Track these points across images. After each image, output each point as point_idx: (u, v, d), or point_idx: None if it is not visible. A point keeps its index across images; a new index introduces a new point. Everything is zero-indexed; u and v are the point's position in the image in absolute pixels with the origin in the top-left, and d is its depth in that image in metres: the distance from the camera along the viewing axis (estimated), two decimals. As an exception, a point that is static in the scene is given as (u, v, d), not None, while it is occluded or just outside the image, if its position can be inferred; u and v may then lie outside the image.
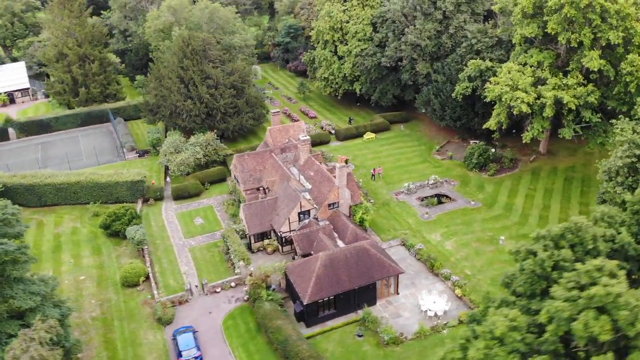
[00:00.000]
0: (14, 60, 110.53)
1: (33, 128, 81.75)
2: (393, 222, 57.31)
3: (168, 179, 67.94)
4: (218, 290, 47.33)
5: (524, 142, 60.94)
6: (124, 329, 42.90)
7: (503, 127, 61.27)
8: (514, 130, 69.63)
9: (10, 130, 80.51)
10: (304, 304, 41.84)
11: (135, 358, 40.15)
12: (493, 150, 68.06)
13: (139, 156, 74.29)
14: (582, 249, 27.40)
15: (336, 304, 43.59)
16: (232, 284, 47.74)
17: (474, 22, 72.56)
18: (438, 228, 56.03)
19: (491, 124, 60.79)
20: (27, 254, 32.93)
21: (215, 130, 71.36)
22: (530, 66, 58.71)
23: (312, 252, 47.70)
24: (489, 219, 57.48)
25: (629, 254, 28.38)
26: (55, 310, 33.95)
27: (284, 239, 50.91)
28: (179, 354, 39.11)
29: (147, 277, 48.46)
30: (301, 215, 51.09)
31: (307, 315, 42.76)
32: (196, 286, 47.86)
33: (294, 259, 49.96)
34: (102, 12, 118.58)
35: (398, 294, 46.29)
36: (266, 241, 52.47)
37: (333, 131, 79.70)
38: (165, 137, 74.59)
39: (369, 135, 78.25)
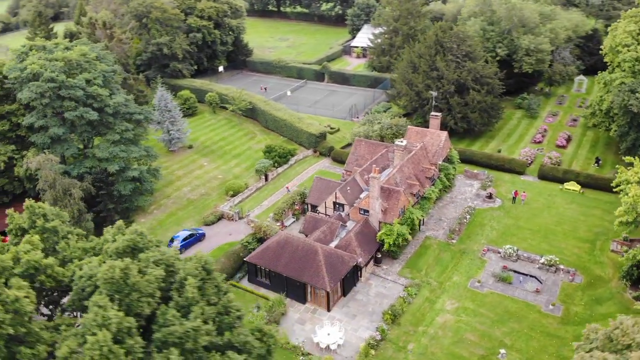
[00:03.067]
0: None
1: (338, 78, 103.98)
2: (437, 269, 50.67)
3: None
4: (252, 224, 58.63)
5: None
6: (188, 213, 61.31)
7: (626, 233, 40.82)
8: None
9: (325, 76, 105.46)
10: (244, 259, 49.06)
11: (170, 224, 58.86)
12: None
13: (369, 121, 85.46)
14: None
15: (270, 279, 48.03)
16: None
17: None
18: (467, 301, 46.42)
19: (616, 223, 41.39)
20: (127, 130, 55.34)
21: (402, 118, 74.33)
22: None
23: (307, 235, 51.60)
24: (541, 331, 42.64)
25: None
26: (124, 167, 55.84)
27: (318, 217, 55.66)
28: (172, 240, 54.77)
29: (236, 194, 64.19)
30: (336, 205, 54.00)
31: (249, 273, 49.57)
32: (247, 215, 60.02)
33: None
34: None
35: (329, 310, 45.68)
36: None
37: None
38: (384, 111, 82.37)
39: (571, 186, 62.40)
